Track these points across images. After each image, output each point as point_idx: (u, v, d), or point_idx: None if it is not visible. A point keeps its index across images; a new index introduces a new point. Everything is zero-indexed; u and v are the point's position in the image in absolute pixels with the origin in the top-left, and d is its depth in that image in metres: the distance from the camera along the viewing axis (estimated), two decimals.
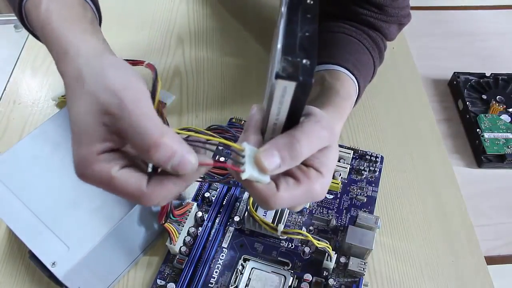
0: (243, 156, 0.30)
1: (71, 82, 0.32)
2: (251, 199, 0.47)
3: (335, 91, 0.45)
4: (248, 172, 0.29)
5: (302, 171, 0.32)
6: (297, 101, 0.28)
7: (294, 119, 0.31)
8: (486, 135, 0.61)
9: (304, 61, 0.26)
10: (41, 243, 0.39)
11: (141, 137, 0.28)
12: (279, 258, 0.47)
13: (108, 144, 0.30)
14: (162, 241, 0.49)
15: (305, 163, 0.33)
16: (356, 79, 0.48)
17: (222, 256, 0.47)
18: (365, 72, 0.51)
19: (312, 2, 0.29)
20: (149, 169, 0.32)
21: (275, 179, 0.31)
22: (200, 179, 0.37)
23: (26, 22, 0.40)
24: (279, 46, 0.27)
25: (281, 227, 0.46)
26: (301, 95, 0.28)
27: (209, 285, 0.45)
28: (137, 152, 0.30)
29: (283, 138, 0.30)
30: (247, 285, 0.44)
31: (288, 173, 0.32)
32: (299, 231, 0.45)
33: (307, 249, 0.47)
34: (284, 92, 0.27)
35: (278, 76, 0.26)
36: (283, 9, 0.28)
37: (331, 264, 0.45)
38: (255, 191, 0.31)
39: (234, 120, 0.59)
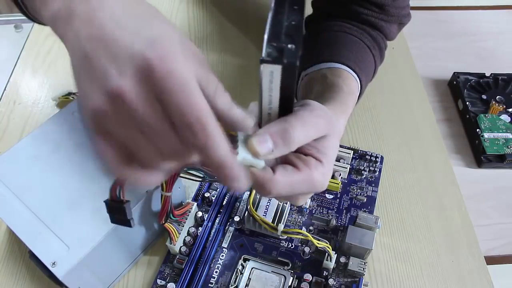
0: (236, 141, 0.30)
1: None
2: (251, 198, 0.47)
3: (338, 87, 0.45)
4: (241, 155, 0.29)
5: (301, 159, 0.32)
6: (286, 86, 0.28)
7: (287, 106, 0.31)
8: (486, 135, 0.61)
9: (289, 45, 0.27)
10: (41, 243, 0.39)
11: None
12: (279, 258, 0.47)
13: None
14: (162, 241, 0.49)
15: (303, 152, 0.32)
16: (358, 76, 0.48)
17: (222, 256, 0.47)
18: (366, 70, 0.51)
19: None
20: None
21: (273, 166, 0.31)
22: (199, 179, 0.37)
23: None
24: (265, 35, 0.27)
25: (281, 227, 0.46)
26: (289, 78, 0.28)
27: (209, 285, 0.45)
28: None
29: (275, 123, 0.31)
30: (247, 285, 0.44)
31: (287, 161, 0.32)
32: (299, 230, 0.45)
33: (307, 249, 0.47)
34: (271, 77, 0.27)
35: (263, 61, 0.26)
36: (272, 4, 0.29)
37: (331, 264, 0.45)
38: (251, 176, 0.30)
39: None
